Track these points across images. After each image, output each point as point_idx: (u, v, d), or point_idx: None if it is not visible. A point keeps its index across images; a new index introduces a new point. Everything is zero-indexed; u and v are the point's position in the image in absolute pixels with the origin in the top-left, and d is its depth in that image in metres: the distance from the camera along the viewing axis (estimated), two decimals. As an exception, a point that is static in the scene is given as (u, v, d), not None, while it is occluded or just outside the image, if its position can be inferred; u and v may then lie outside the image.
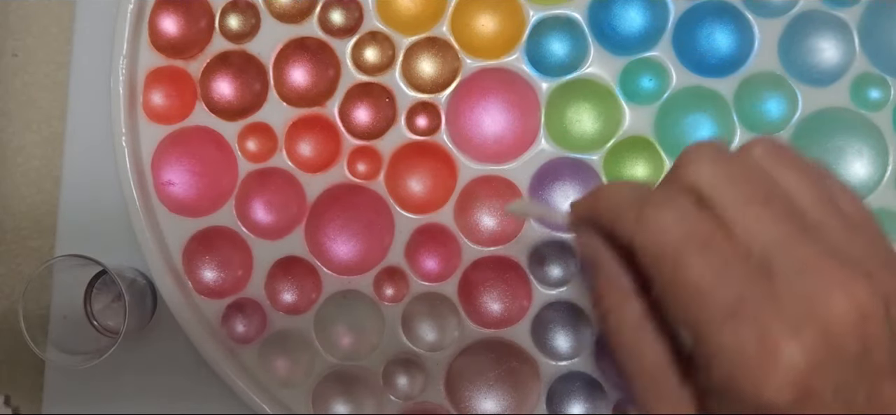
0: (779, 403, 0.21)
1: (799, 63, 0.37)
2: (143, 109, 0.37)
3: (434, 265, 0.37)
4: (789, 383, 0.21)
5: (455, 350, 0.37)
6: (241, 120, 0.38)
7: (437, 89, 0.38)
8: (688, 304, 0.23)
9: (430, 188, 0.37)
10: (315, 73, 0.38)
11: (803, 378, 0.21)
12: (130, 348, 0.37)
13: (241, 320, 0.37)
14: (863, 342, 0.22)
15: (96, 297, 0.38)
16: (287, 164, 0.37)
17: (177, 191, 0.37)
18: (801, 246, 0.23)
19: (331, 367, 0.37)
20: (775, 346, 0.21)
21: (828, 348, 0.21)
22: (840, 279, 0.22)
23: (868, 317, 0.22)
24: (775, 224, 0.23)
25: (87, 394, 0.38)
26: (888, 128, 0.37)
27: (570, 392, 0.37)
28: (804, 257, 0.22)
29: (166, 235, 0.37)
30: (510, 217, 0.37)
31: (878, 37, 0.37)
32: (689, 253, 0.23)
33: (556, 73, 0.37)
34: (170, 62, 0.38)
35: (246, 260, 0.37)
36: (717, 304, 0.22)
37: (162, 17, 0.38)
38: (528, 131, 0.37)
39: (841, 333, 0.22)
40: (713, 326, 0.22)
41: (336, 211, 0.37)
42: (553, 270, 0.37)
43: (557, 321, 0.37)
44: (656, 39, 0.37)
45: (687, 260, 0.23)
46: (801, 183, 0.25)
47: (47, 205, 0.39)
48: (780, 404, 0.21)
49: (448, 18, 0.38)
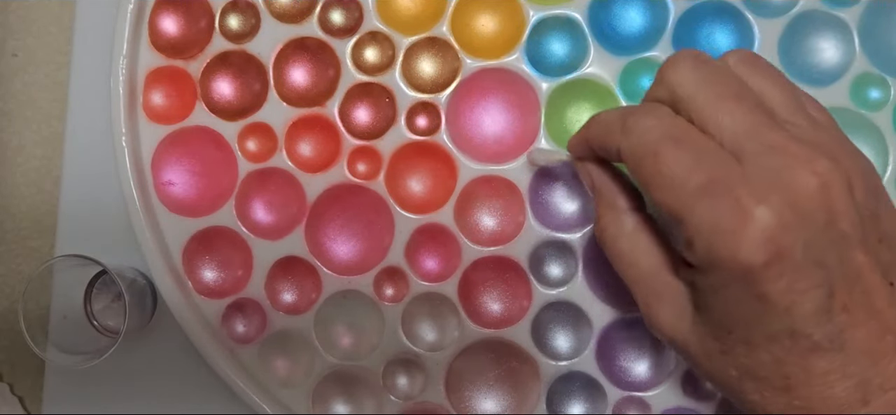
0: (754, 263, 0.24)
1: (799, 63, 0.37)
2: (143, 109, 0.37)
3: (434, 265, 0.37)
4: (762, 243, 0.23)
5: (455, 350, 0.37)
6: (241, 120, 0.38)
7: (437, 89, 0.38)
8: (668, 191, 0.25)
9: (430, 188, 0.37)
10: (315, 73, 0.38)
11: (774, 237, 0.23)
12: (130, 348, 0.37)
13: (241, 320, 0.37)
14: (828, 211, 0.24)
15: (96, 297, 0.38)
16: (287, 164, 0.37)
17: (177, 191, 0.37)
18: (769, 132, 0.25)
19: (331, 367, 0.37)
20: (746, 211, 0.24)
21: (795, 212, 0.24)
22: (805, 157, 0.24)
23: (830, 187, 0.24)
24: (745, 116, 0.25)
25: (87, 394, 0.38)
26: (888, 128, 0.37)
27: (570, 392, 0.37)
28: (772, 141, 0.25)
29: (166, 235, 0.37)
30: (510, 215, 0.37)
31: (878, 37, 0.37)
32: (667, 148, 0.25)
33: (556, 73, 0.37)
34: (170, 62, 0.38)
35: (246, 260, 0.37)
36: (693, 186, 0.25)
37: (162, 17, 0.38)
38: (528, 131, 0.37)
39: (806, 200, 0.24)
40: (691, 205, 0.25)
41: (336, 211, 0.37)
42: (553, 270, 0.37)
43: (557, 321, 0.37)
44: (656, 39, 0.37)
45: (665, 153, 0.25)
46: (772, 86, 0.27)
47: (47, 205, 0.39)
48: (755, 264, 0.24)
49: (448, 18, 0.38)
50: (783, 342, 0.25)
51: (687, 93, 0.27)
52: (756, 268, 0.24)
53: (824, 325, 0.24)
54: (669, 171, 0.25)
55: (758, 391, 0.26)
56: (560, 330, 0.37)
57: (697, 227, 0.25)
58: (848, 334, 0.24)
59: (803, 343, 0.24)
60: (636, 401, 0.37)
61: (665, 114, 0.27)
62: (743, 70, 0.28)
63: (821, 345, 0.24)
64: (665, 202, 0.25)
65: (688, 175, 0.25)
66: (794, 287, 0.24)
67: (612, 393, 0.37)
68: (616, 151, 0.28)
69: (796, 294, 0.24)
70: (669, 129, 0.26)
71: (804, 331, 0.24)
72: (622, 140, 0.27)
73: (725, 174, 0.24)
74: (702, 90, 0.26)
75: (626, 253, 0.29)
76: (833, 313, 0.24)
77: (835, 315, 0.24)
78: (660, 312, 0.28)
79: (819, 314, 0.24)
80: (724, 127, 0.25)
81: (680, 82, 0.27)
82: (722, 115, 0.25)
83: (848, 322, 0.24)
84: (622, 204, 0.30)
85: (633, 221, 0.30)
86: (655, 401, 0.36)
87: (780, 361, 0.25)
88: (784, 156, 0.24)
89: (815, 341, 0.24)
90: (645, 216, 0.30)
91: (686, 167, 0.25)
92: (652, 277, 0.28)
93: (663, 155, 0.25)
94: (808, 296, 0.24)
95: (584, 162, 0.32)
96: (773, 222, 0.23)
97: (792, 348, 0.25)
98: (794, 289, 0.24)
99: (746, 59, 0.28)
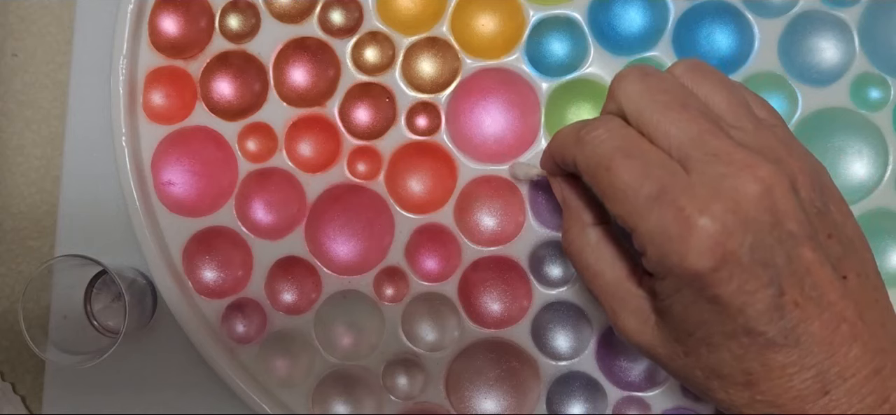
0: (701, 268, 0.25)
1: (799, 63, 0.37)
2: (143, 109, 0.37)
3: (434, 265, 0.37)
4: (707, 249, 0.24)
5: (455, 350, 0.37)
6: (241, 120, 0.38)
7: (437, 89, 0.38)
8: (621, 202, 0.26)
9: (430, 188, 0.37)
10: (315, 73, 0.38)
11: (719, 243, 0.24)
12: (130, 348, 0.37)
13: (241, 320, 0.37)
14: (772, 213, 0.25)
15: (96, 297, 0.38)
16: (287, 164, 0.37)
17: (177, 191, 0.37)
18: (713, 139, 0.26)
19: (331, 367, 0.37)
20: (690, 220, 0.25)
21: (738, 218, 0.24)
22: (747, 163, 0.25)
23: (773, 190, 0.25)
24: (690, 124, 0.26)
25: (87, 394, 0.38)
26: (888, 128, 0.37)
27: (570, 392, 0.37)
28: (716, 149, 0.26)
29: (166, 235, 0.37)
30: (510, 215, 0.37)
31: (878, 37, 0.37)
32: (618, 160, 0.26)
33: (556, 74, 0.37)
34: (170, 62, 0.38)
35: (246, 260, 0.37)
36: (643, 196, 0.26)
37: (162, 16, 0.38)
38: (528, 131, 0.37)
39: (749, 205, 0.25)
40: (641, 216, 0.26)
41: (336, 211, 0.37)
42: (553, 270, 0.37)
43: (557, 321, 0.37)
44: (656, 39, 0.37)
45: (617, 165, 0.26)
46: (717, 92, 0.28)
47: (47, 205, 0.39)
48: (703, 269, 0.25)
49: (448, 18, 0.38)
50: (740, 340, 0.26)
51: (635, 106, 0.27)
52: (704, 273, 0.25)
53: (777, 322, 0.25)
54: (621, 182, 0.26)
55: (723, 389, 0.27)
56: (560, 330, 0.37)
57: (648, 236, 0.26)
58: (801, 328, 0.25)
59: (759, 340, 0.25)
60: (636, 401, 0.37)
61: (616, 125, 0.28)
62: (689, 78, 0.28)
63: (776, 341, 0.25)
64: (619, 213, 0.27)
65: (638, 186, 0.26)
66: (744, 288, 0.25)
67: (612, 393, 0.37)
68: (573, 162, 0.29)
69: (747, 295, 0.25)
70: (620, 140, 0.27)
71: (758, 328, 0.25)
72: (577, 153, 0.28)
73: (672, 184, 0.25)
74: (648, 102, 0.27)
75: (591, 265, 0.30)
76: (785, 309, 0.25)
77: (787, 311, 0.25)
78: (626, 320, 0.29)
79: (770, 311, 0.25)
80: (671, 136, 0.26)
81: (627, 95, 0.28)
82: (668, 124, 0.26)
83: (800, 317, 0.25)
84: (587, 218, 0.31)
85: (596, 234, 0.31)
86: (655, 401, 0.37)
87: (739, 358, 0.26)
88: (727, 164, 0.25)
89: (769, 338, 0.25)
90: (608, 229, 0.31)
91: (636, 178, 0.26)
92: (616, 286, 0.29)
93: (615, 167, 0.26)
94: (759, 295, 0.25)
95: (555, 177, 0.33)
96: (717, 229, 0.24)
97: (749, 346, 0.26)
98: (745, 290, 0.25)
99: (693, 67, 0.29)
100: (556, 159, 0.31)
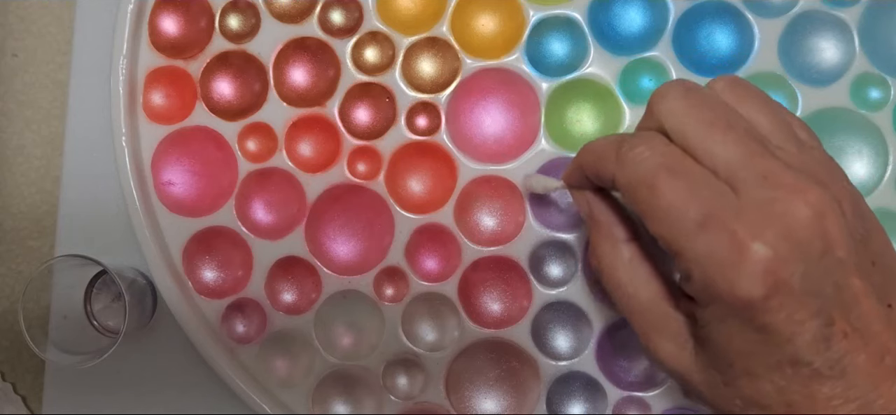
0: (753, 296, 0.24)
1: (799, 63, 0.37)
2: (143, 109, 0.37)
3: (434, 265, 0.37)
4: (759, 276, 0.23)
5: (455, 350, 0.37)
6: (241, 120, 0.38)
7: (437, 89, 0.38)
8: (665, 224, 0.25)
9: (430, 188, 0.37)
10: (315, 73, 0.38)
11: (771, 270, 0.23)
12: (130, 348, 0.37)
13: (241, 320, 0.37)
14: (823, 240, 0.24)
15: (96, 297, 0.38)
16: (287, 164, 0.37)
17: (177, 191, 0.37)
18: (761, 160, 0.25)
19: (331, 367, 0.37)
20: (742, 245, 0.24)
21: (791, 244, 0.24)
22: (798, 187, 0.24)
23: (824, 216, 0.24)
24: (737, 145, 0.25)
25: (87, 394, 0.38)
26: (888, 128, 0.37)
27: (570, 392, 0.37)
28: (764, 171, 0.25)
29: (166, 235, 0.37)
30: (510, 215, 0.37)
31: (878, 37, 0.37)
32: (662, 179, 0.25)
33: (556, 74, 0.37)
34: (170, 62, 0.38)
35: (246, 260, 0.37)
36: (689, 219, 0.25)
37: (162, 17, 0.38)
38: (528, 131, 0.37)
39: (802, 230, 0.24)
40: (688, 239, 0.25)
41: (336, 211, 0.37)
42: (553, 270, 0.37)
43: (557, 321, 0.37)
44: (656, 39, 0.37)
45: (661, 185, 0.25)
46: (760, 112, 0.27)
47: (47, 205, 0.39)
48: (754, 297, 0.24)
49: (448, 18, 0.38)
50: (785, 371, 0.25)
51: (677, 122, 0.26)
52: (755, 301, 0.24)
53: (824, 352, 0.24)
54: (666, 203, 0.25)
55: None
56: (560, 330, 0.37)
57: (695, 261, 0.25)
58: (848, 359, 0.24)
59: (805, 371, 0.24)
60: (636, 401, 0.37)
61: (659, 142, 0.27)
62: (731, 96, 0.27)
63: (822, 372, 0.24)
64: (662, 235, 0.25)
65: (685, 208, 0.25)
66: (794, 318, 0.24)
67: (612, 393, 0.37)
68: (611, 180, 0.28)
69: (796, 324, 0.24)
70: (664, 159, 0.26)
71: (805, 359, 0.24)
72: (617, 170, 0.27)
73: (721, 207, 0.24)
74: (692, 120, 0.26)
75: (624, 284, 0.29)
76: (832, 340, 0.24)
77: (834, 342, 0.24)
78: (660, 344, 0.28)
79: (818, 342, 0.24)
80: (717, 156, 0.25)
81: (670, 112, 0.27)
82: (713, 144, 0.25)
83: (848, 348, 0.24)
84: (620, 234, 0.30)
85: (630, 251, 0.29)
86: (655, 401, 0.37)
87: (783, 390, 0.25)
88: (777, 187, 0.24)
89: (815, 369, 0.24)
90: (642, 246, 0.30)
91: (682, 199, 0.25)
92: (651, 308, 0.28)
93: (659, 187, 0.25)
94: (808, 326, 0.24)
95: (581, 191, 0.32)
96: (770, 256, 0.23)
97: (794, 377, 0.25)
98: (794, 319, 0.24)
99: (734, 84, 0.28)
100: (588, 174, 0.30)
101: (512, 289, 0.37)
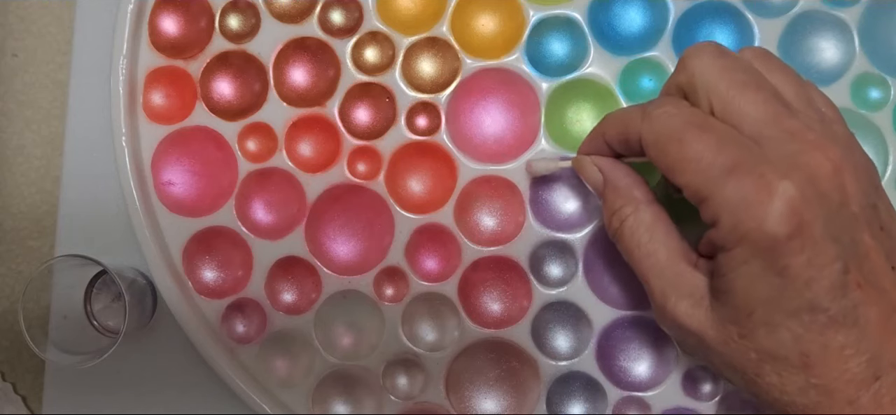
0: (779, 233, 0.25)
1: (799, 63, 0.37)
2: (143, 109, 0.37)
3: (434, 265, 0.37)
4: (786, 214, 0.25)
5: (455, 350, 0.37)
6: (241, 120, 0.38)
7: (437, 89, 0.38)
8: (694, 174, 0.27)
9: (430, 188, 0.37)
10: (315, 73, 0.38)
11: (797, 209, 0.25)
12: (130, 348, 0.37)
13: (241, 320, 0.37)
14: (840, 192, 0.26)
15: (96, 297, 0.38)
16: (287, 164, 0.37)
17: (177, 191, 0.37)
18: (787, 120, 0.27)
19: (331, 367, 0.37)
20: (771, 185, 0.25)
21: (814, 189, 0.25)
22: (819, 144, 0.26)
23: (843, 171, 0.26)
24: (766, 104, 0.27)
25: (87, 394, 0.38)
26: (888, 128, 0.37)
27: (570, 392, 0.37)
28: (790, 128, 0.26)
29: (166, 235, 0.37)
30: (511, 215, 0.37)
31: (878, 37, 0.37)
32: (691, 133, 0.27)
33: (556, 74, 0.37)
34: (170, 62, 0.38)
35: (246, 260, 0.37)
36: (718, 166, 0.26)
37: (162, 16, 0.38)
38: (528, 131, 0.37)
39: (823, 180, 0.26)
40: (717, 184, 0.26)
41: (336, 211, 0.37)
42: (553, 270, 0.37)
43: (557, 321, 0.37)
44: (656, 39, 0.37)
45: (689, 138, 0.27)
46: (785, 81, 0.29)
47: (47, 205, 0.39)
48: (780, 234, 0.25)
49: (448, 18, 0.38)
50: (802, 318, 0.26)
51: (710, 79, 0.28)
52: (780, 239, 0.25)
53: (840, 299, 0.26)
54: (695, 153, 0.27)
55: (776, 372, 0.27)
56: (560, 330, 0.37)
57: (724, 203, 0.26)
58: (861, 310, 0.26)
59: (821, 318, 0.26)
60: (636, 401, 0.37)
61: (684, 104, 0.28)
62: (760, 64, 0.29)
63: (837, 319, 0.26)
64: (691, 184, 0.27)
65: (713, 158, 0.26)
66: (814, 262, 0.25)
67: (612, 393, 0.37)
68: (637, 139, 0.29)
69: (815, 268, 0.25)
70: (691, 116, 0.28)
71: (822, 305, 0.26)
72: (644, 127, 0.29)
73: (748, 155, 0.26)
74: (725, 78, 0.28)
75: (644, 244, 0.30)
76: (848, 288, 0.26)
77: (850, 291, 0.26)
78: (677, 303, 0.29)
79: (835, 289, 0.25)
80: (745, 114, 0.27)
81: (704, 70, 0.28)
82: (744, 103, 0.27)
83: (861, 298, 0.26)
84: (639, 195, 0.31)
85: (650, 213, 0.30)
86: (655, 401, 0.37)
87: (799, 338, 0.26)
88: (801, 142, 0.26)
89: (831, 315, 0.26)
90: (660, 208, 0.31)
91: (711, 150, 0.26)
92: (670, 266, 0.29)
93: (688, 140, 0.27)
94: (826, 271, 0.25)
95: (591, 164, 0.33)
96: (797, 195, 0.25)
97: (811, 324, 0.26)
98: (814, 263, 0.25)
99: (763, 55, 0.30)
100: (610, 137, 0.32)
101: (512, 289, 0.37)
